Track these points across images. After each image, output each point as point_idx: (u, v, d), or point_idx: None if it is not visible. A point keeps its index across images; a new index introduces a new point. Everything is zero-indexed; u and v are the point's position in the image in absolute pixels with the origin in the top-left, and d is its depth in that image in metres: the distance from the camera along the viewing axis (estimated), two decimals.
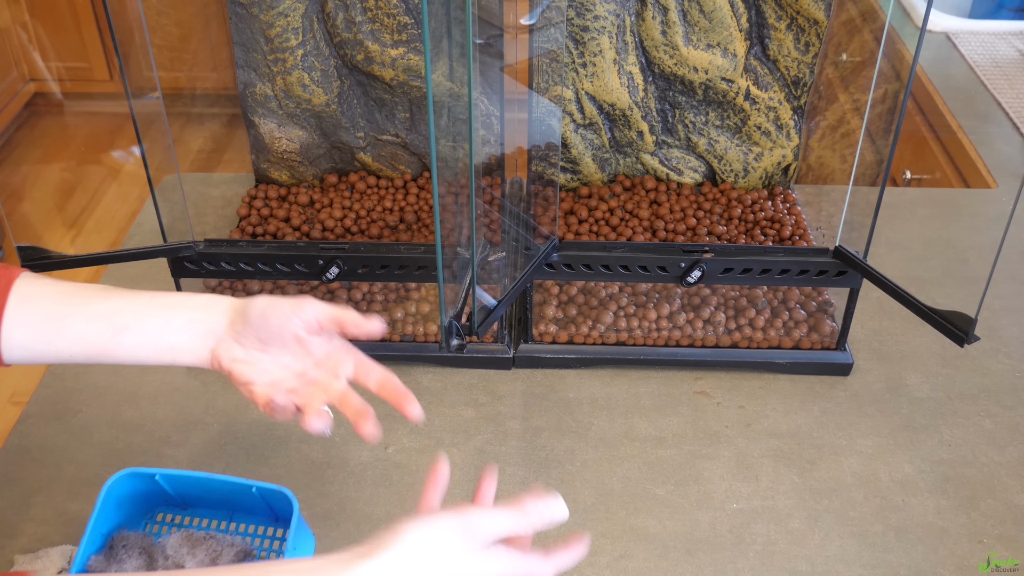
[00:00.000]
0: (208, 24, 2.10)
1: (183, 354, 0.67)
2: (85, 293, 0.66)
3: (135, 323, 0.66)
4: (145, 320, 0.66)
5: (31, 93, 2.94)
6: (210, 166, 2.59)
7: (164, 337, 0.66)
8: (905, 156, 1.58)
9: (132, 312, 0.66)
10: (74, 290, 0.66)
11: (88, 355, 0.66)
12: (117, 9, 0.85)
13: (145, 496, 0.78)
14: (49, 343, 0.65)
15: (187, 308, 0.67)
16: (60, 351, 0.65)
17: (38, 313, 0.64)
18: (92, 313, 0.65)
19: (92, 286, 0.67)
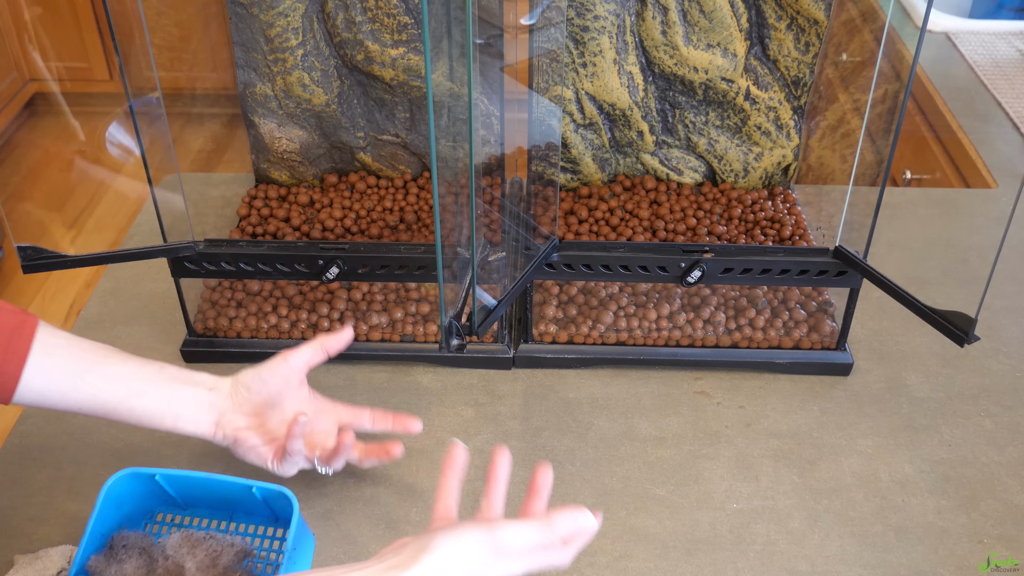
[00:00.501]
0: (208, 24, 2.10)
1: (187, 423, 0.74)
2: (102, 353, 0.73)
3: (149, 389, 0.73)
4: (158, 388, 0.73)
5: (31, 93, 2.94)
6: (210, 166, 2.59)
7: (171, 407, 0.74)
8: (905, 156, 1.58)
9: (147, 379, 0.73)
10: (91, 348, 0.73)
11: (96, 411, 0.72)
12: (117, 9, 0.85)
13: (145, 496, 0.78)
14: (64, 394, 0.70)
15: (193, 384, 0.75)
16: (71, 403, 0.71)
17: (58, 365, 0.70)
18: (109, 374, 0.72)
19: (105, 347, 0.74)
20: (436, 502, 0.68)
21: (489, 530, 0.59)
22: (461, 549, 0.58)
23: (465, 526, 0.60)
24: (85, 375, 0.71)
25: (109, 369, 0.72)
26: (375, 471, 0.87)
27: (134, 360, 0.74)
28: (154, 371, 0.74)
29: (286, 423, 0.78)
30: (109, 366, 0.72)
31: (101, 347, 0.74)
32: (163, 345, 1.00)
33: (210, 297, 1.01)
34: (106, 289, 1.09)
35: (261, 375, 0.77)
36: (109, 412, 0.72)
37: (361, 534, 0.82)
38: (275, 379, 0.77)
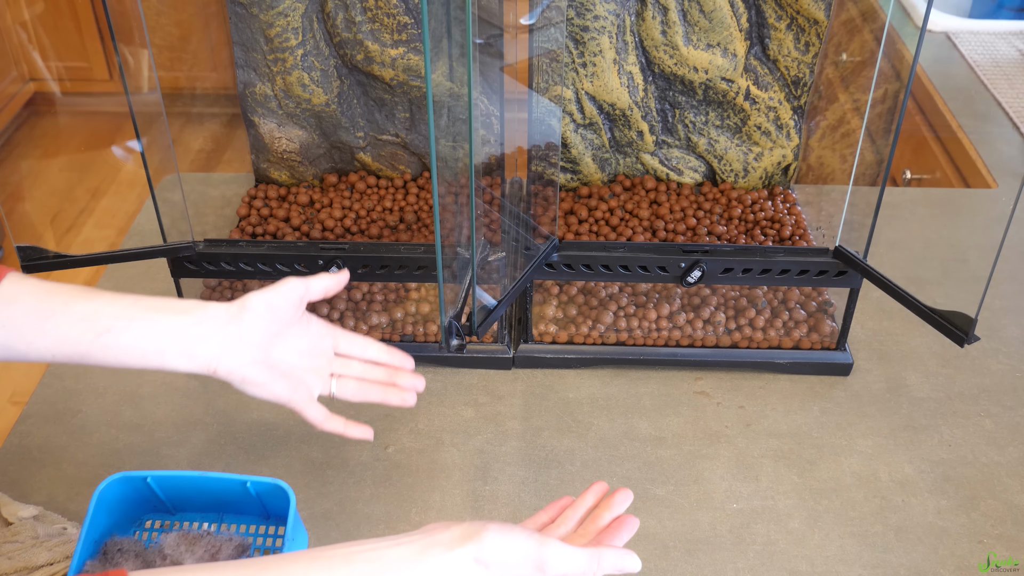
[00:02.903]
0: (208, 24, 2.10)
1: (176, 358, 0.66)
2: (69, 293, 0.65)
3: (118, 325, 0.64)
4: (129, 323, 0.65)
5: (31, 93, 2.94)
6: (210, 166, 2.59)
7: (151, 340, 0.65)
8: (905, 156, 1.58)
9: (115, 315, 0.65)
10: (58, 290, 0.65)
11: (70, 357, 0.65)
12: (117, 9, 0.85)
13: (134, 501, 0.77)
14: (30, 343, 0.64)
15: (174, 312, 0.66)
16: (41, 351, 0.64)
17: (20, 312, 0.63)
18: (75, 314, 0.64)
19: (77, 287, 0.66)
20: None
21: (540, 543, 0.59)
22: (508, 549, 0.57)
23: (518, 529, 0.59)
24: (49, 319, 0.64)
25: (75, 309, 0.64)
26: (375, 472, 0.87)
27: (106, 296, 0.66)
28: (127, 304, 0.66)
29: (291, 354, 0.71)
30: (75, 305, 0.64)
31: (72, 288, 0.66)
32: None
33: (210, 297, 1.01)
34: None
35: (272, 302, 0.69)
36: (84, 356, 0.65)
37: (361, 534, 0.82)
38: (286, 305, 0.69)
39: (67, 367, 0.98)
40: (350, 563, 0.56)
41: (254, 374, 0.68)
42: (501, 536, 0.58)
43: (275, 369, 0.70)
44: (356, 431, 0.74)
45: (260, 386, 0.68)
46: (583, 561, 0.59)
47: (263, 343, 0.69)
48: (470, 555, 0.56)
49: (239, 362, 0.67)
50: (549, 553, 0.58)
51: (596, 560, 0.60)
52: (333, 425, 0.73)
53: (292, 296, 0.70)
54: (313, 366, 0.74)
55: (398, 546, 0.57)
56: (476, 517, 0.84)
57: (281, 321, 0.70)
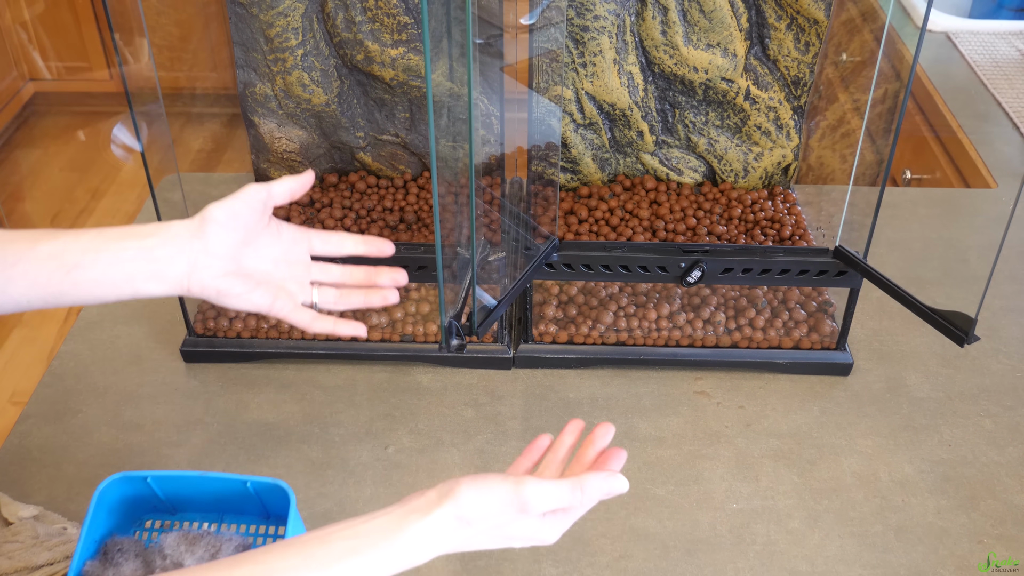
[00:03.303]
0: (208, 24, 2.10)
1: (146, 283, 0.64)
2: (31, 238, 0.64)
3: (85, 259, 0.63)
4: (96, 255, 0.63)
5: (31, 93, 2.94)
6: (210, 166, 2.59)
7: (118, 268, 0.64)
8: (905, 156, 1.58)
9: (81, 248, 0.63)
10: (19, 236, 0.64)
11: (45, 299, 0.64)
12: (117, 9, 0.85)
13: (135, 501, 0.77)
14: (3, 292, 0.63)
15: (138, 236, 0.65)
16: (16, 299, 0.63)
17: None
18: (40, 255, 0.63)
19: (40, 230, 0.65)
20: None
21: (516, 484, 0.57)
22: (486, 499, 0.56)
23: (491, 477, 0.58)
24: (16, 265, 0.62)
25: (40, 250, 0.63)
26: (375, 472, 0.87)
27: (70, 233, 0.65)
28: (91, 237, 0.64)
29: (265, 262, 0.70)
30: (40, 247, 0.63)
31: (35, 231, 0.65)
32: (163, 345, 1.01)
33: None
34: None
35: (234, 208, 0.67)
36: (56, 297, 0.64)
37: None
38: (249, 212, 0.67)
39: (67, 366, 0.98)
40: (327, 544, 0.55)
41: (228, 285, 0.66)
42: (475, 488, 0.57)
43: (250, 278, 0.68)
44: (346, 328, 0.72)
45: (238, 297, 0.67)
46: (565, 492, 0.58)
47: (232, 253, 0.67)
48: (450, 514, 0.56)
49: (211, 275, 0.65)
50: (528, 492, 0.57)
51: (579, 488, 0.59)
52: (322, 325, 0.71)
53: (253, 201, 0.67)
54: (291, 274, 0.71)
55: (374, 519, 0.56)
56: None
57: (246, 228, 0.67)
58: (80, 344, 1.01)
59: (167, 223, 0.66)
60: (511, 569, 0.79)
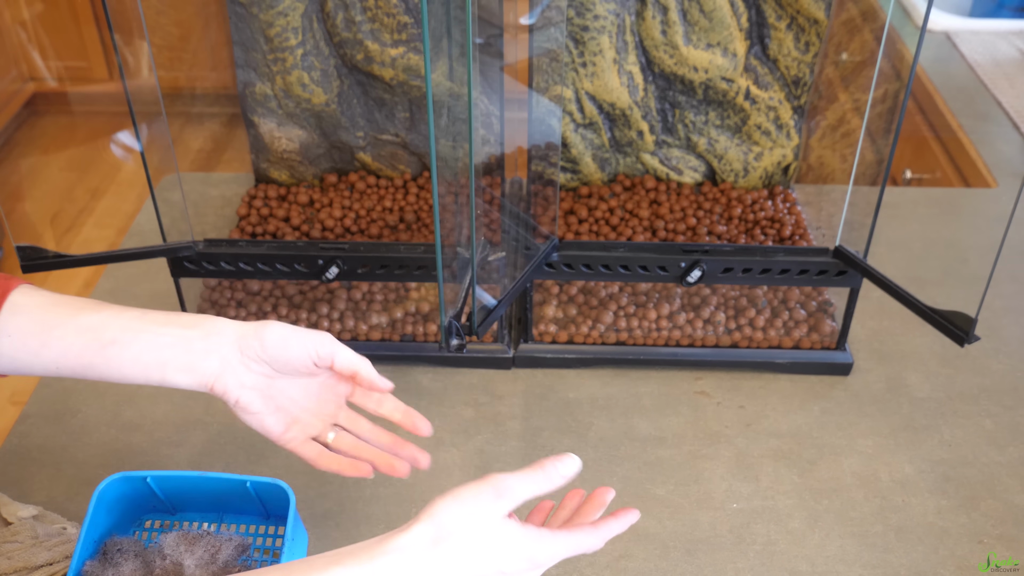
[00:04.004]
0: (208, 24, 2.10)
1: (176, 373, 0.64)
2: (75, 306, 0.64)
3: (123, 337, 0.64)
4: (135, 335, 0.64)
5: (31, 93, 2.94)
6: (210, 166, 2.59)
7: (154, 353, 0.64)
8: (905, 156, 1.58)
9: (121, 326, 0.64)
10: (65, 302, 0.65)
11: (75, 369, 0.64)
12: (117, 9, 0.85)
13: (134, 501, 0.77)
14: (36, 354, 0.63)
15: (180, 325, 0.65)
16: (46, 364, 0.64)
17: (25, 323, 0.63)
18: (80, 326, 0.63)
19: (84, 300, 0.66)
20: None
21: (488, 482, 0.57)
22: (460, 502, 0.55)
23: (467, 484, 0.57)
24: (53, 331, 0.63)
25: (81, 320, 0.63)
26: None
27: (112, 308, 0.65)
28: (133, 316, 0.64)
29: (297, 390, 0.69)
30: (81, 318, 0.64)
31: (80, 300, 0.65)
32: None
33: (210, 297, 1.01)
34: (106, 289, 1.09)
35: (288, 341, 0.65)
36: (87, 369, 0.64)
37: (361, 534, 0.82)
38: (302, 354, 0.66)
39: None
40: (309, 562, 0.56)
41: (248, 400, 0.66)
42: (451, 496, 0.56)
43: (272, 400, 0.68)
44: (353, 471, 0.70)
45: (253, 416, 0.67)
46: (532, 478, 0.58)
47: (267, 372, 0.67)
48: (427, 529, 0.54)
49: (236, 384, 0.65)
50: (502, 484, 0.57)
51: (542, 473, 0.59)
52: (327, 463, 0.70)
53: (310, 350, 0.66)
54: (317, 409, 0.71)
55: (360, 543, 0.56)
56: None
57: (290, 362, 0.66)
58: None
59: (215, 319, 0.66)
60: None
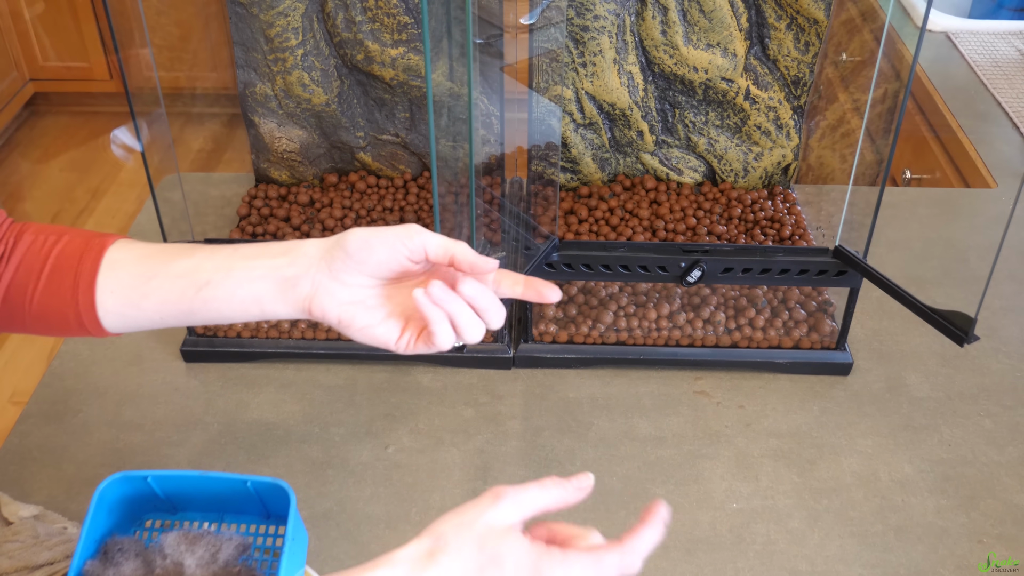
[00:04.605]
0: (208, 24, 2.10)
1: (273, 304, 0.62)
2: (170, 253, 0.64)
3: (216, 277, 0.62)
4: (227, 273, 0.62)
5: (31, 93, 2.94)
6: (210, 166, 2.59)
7: (248, 287, 0.62)
8: (905, 156, 1.58)
9: (214, 267, 0.62)
10: (160, 251, 0.64)
11: (176, 316, 0.63)
12: (117, 9, 0.85)
13: (135, 500, 0.77)
14: (138, 307, 0.63)
15: (270, 255, 0.62)
16: (150, 315, 0.63)
17: (124, 278, 0.63)
18: (174, 272, 0.63)
19: (179, 246, 0.65)
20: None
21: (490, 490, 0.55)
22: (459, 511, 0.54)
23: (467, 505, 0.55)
24: (151, 281, 0.62)
25: (175, 267, 0.63)
26: (375, 471, 0.87)
27: (204, 249, 0.64)
28: (225, 255, 0.63)
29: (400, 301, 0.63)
30: (175, 264, 0.63)
31: (173, 247, 0.64)
32: (163, 345, 1.01)
33: None
34: None
35: (370, 242, 0.60)
36: (188, 315, 0.63)
37: (361, 534, 0.82)
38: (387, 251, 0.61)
39: (67, 366, 0.98)
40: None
41: (350, 315, 0.61)
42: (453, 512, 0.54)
43: (379, 309, 0.62)
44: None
45: (359, 330, 0.62)
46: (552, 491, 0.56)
47: (363, 281, 0.62)
48: (424, 542, 0.53)
49: (334, 302, 0.61)
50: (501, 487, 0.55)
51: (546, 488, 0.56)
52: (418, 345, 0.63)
53: (397, 246, 0.60)
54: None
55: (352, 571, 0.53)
56: None
57: (379, 263, 0.61)
58: (80, 344, 1.01)
59: (301, 242, 0.63)
60: None
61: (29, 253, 0.63)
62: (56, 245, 0.64)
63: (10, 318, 0.64)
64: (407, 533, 0.81)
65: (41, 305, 0.63)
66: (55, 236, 0.64)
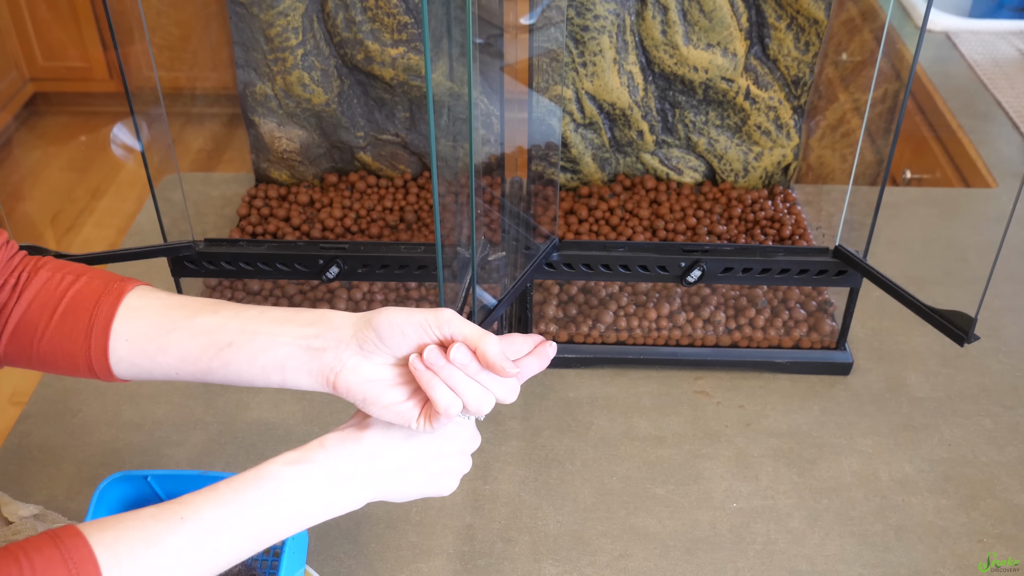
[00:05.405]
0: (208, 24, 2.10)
1: (295, 374, 0.60)
2: (193, 307, 0.62)
3: (240, 339, 0.60)
4: (252, 337, 0.60)
5: (31, 93, 2.94)
6: (210, 166, 2.59)
7: (271, 354, 0.60)
8: (905, 156, 1.58)
9: (238, 328, 0.61)
10: (182, 304, 0.63)
11: (193, 373, 0.62)
12: (117, 9, 0.85)
13: (135, 500, 0.77)
14: (153, 359, 0.62)
15: (298, 323, 0.60)
16: (165, 368, 0.62)
17: (142, 327, 0.61)
18: (196, 328, 0.61)
19: (202, 300, 0.63)
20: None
21: None
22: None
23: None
24: (170, 334, 0.61)
25: (197, 323, 0.61)
26: None
27: (229, 308, 0.62)
28: (250, 317, 0.61)
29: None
30: (197, 320, 0.61)
31: (197, 301, 0.63)
32: None
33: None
34: None
35: (403, 328, 0.58)
36: (206, 374, 0.61)
37: (361, 534, 0.82)
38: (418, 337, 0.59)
39: None
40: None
41: (376, 393, 0.59)
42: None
43: (406, 387, 0.60)
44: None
45: (384, 408, 0.59)
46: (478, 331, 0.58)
47: (391, 360, 0.60)
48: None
49: (358, 379, 0.59)
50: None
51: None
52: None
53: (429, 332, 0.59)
54: None
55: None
56: (476, 516, 0.84)
57: (411, 347, 0.59)
58: None
59: (331, 313, 0.61)
60: (511, 568, 0.79)
61: (44, 290, 0.62)
62: (74, 285, 0.63)
63: (16, 354, 0.63)
64: (407, 533, 0.82)
65: (51, 344, 0.62)
66: (73, 275, 0.63)
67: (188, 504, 0.54)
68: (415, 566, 0.79)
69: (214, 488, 0.56)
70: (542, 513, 0.84)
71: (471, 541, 0.81)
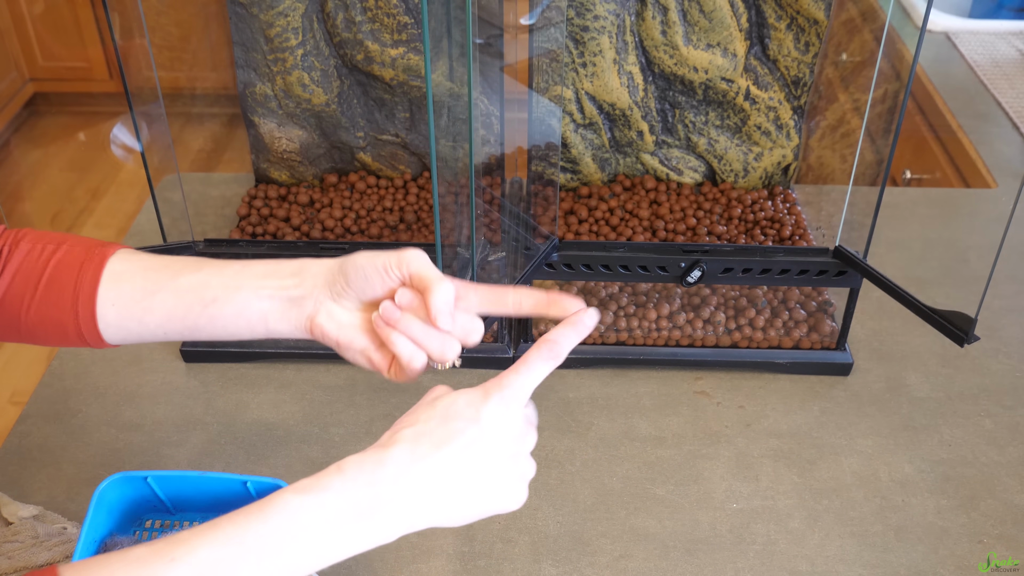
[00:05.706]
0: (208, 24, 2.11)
1: (278, 322, 0.62)
2: (175, 267, 0.63)
3: (224, 295, 0.62)
4: (235, 292, 0.62)
5: (31, 93, 2.94)
6: (210, 166, 2.59)
7: (255, 305, 0.62)
8: (905, 156, 1.58)
9: (222, 284, 0.62)
10: (164, 264, 0.64)
11: (180, 331, 0.63)
12: (117, 9, 0.85)
13: (135, 501, 0.77)
14: (140, 321, 0.62)
15: (278, 276, 0.62)
16: (152, 328, 0.63)
17: (127, 290, 0.62)
18: (181, 287, 0.62)
19: (184, 259, 0.64)
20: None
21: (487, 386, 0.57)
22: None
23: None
24: (155, 294, 0.62)
25: (182, 281, 0.62)
26: None
27: (212, 265, 0.63)
28: (233, 272, 0.63)
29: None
30: (182, 278, 0.62)
31: (178, 260, 0.64)
32: (163, 345, 1.00)
33: None
34: None
35: (366, 271, 0.60)
36: (191, 331, 0.63)
37: None
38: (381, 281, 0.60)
39: (67, 366, 0.98)
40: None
41: (349, 338, 0.61)
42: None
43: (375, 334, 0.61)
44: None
45: (359, 352, 0.61)
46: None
47: (361, 307, 0.61)
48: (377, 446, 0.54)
49: (333, 325, 0.61)
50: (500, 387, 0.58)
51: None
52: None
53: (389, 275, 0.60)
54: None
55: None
56: None
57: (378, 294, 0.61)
58: None
59: (310, 261, 0.63)
60: (511, 569, 0.79)
61: (27, 261, 0.63)
62: (55, 254, 0.63)
63: (5, 328, 0.63)
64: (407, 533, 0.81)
65: (39, 315, 0.62)
66: (54, 244, 0.63)
67: (182, 543, 0.48)
68: (415, 566, 0.79)
69: (213, 524, 0.50)
70: (542, 513, 0.84)
71: (471, 541, 0.81)
